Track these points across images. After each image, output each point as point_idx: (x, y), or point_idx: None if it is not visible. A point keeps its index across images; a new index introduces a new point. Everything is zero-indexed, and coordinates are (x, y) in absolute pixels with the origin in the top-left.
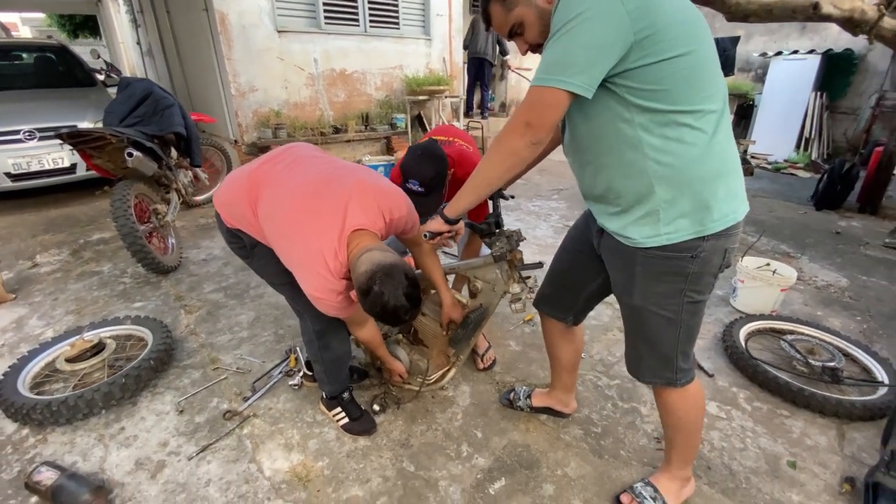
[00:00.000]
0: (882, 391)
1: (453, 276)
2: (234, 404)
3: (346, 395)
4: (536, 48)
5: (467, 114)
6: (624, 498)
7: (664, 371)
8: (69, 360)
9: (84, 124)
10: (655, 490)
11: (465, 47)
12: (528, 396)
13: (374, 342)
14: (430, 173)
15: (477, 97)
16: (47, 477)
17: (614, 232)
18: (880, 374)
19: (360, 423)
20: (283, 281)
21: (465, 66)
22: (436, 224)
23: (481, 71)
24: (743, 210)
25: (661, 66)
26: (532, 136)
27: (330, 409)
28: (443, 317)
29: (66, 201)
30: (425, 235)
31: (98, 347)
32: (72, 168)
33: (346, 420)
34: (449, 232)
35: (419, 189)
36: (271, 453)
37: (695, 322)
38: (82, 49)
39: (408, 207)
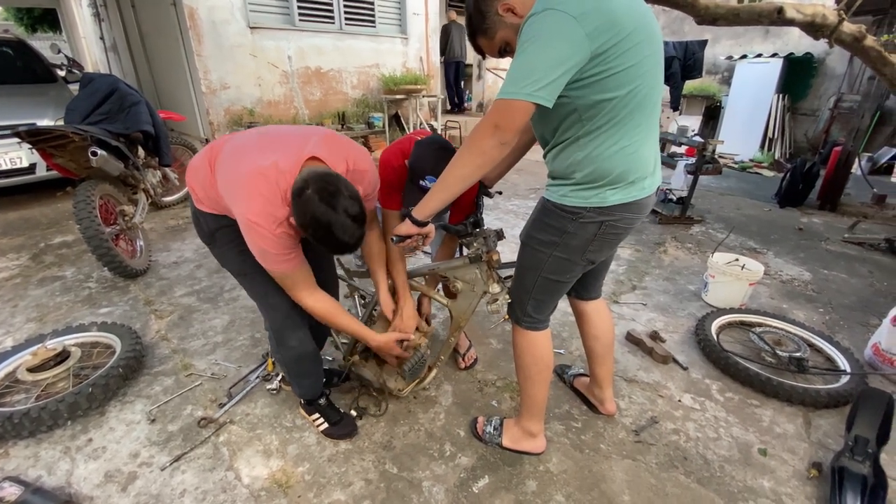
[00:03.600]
0: (844, 379)
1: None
2: (209, 411)
3: (322, 401)
4: None
5: (452, 110)
6: (480, 418)
7: (517, 309)
8: (31, 370)
9: (44, 122)
10: (501, 426)
11: (443, 53)
12: (575, 377)
13: (332, 310)
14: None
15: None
16: (10, 493)
17: (545, 192)
18: (842, 363)
19: (341, 427)
20: (239, 271)
21: (443, 68)
22: (404, 227)
23: (458, 72)
24: (624, 199)
25: (606, 80)
26: (500, 136)
27: (309, 414)
28: (395, 324)
29: (25, 203)
30: (393, 239)
31: (62, 356)
32: (31, 168)
33: (326, 425)
34: (418, 235)
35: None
36: (249, 460)
37: (555, 279)
38: (41, 44)
39: (372, 168)
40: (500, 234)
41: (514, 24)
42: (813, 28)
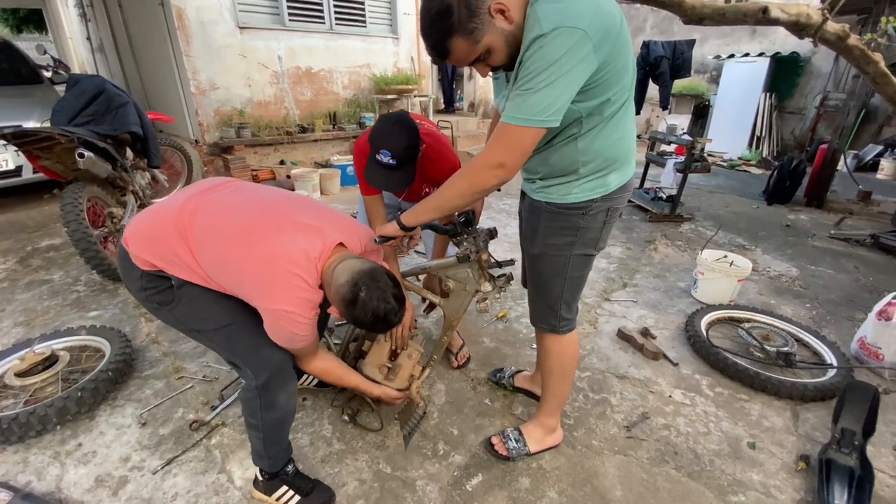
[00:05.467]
0: (831, 373)
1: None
2: (200, 414)
3: (290, 467)
4: (496, 68)
5: (446, 109)
6: (494, 439)
7: (550, 318)
8: (19, 375)
9: (30, 123)
10: (520, 434)
11: None
12: (512, 376)
13: (337, 371)
14: (403, 143)
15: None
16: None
17: (535, 195)
18: (829, 357)
19: (317, 496)
20: (219, 325)
21: (439, 66)
22: (390, 229)
23: (453, 71)
24: (623, 180)
25: (608, 81)
26: (504, 175)
27: (270, 493)
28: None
29: (12, 206)
30: (376, 240)
31: (50, 360)
32: (17, 170)
33: (298, 498)
34: (403, 237)
35: (391, 161)
36: (242, 462)
37: (579, 276)
38: (27, 45)
39: (373, 244)
40: (492, 234)
41: (504, 29)
42: (797, 27)
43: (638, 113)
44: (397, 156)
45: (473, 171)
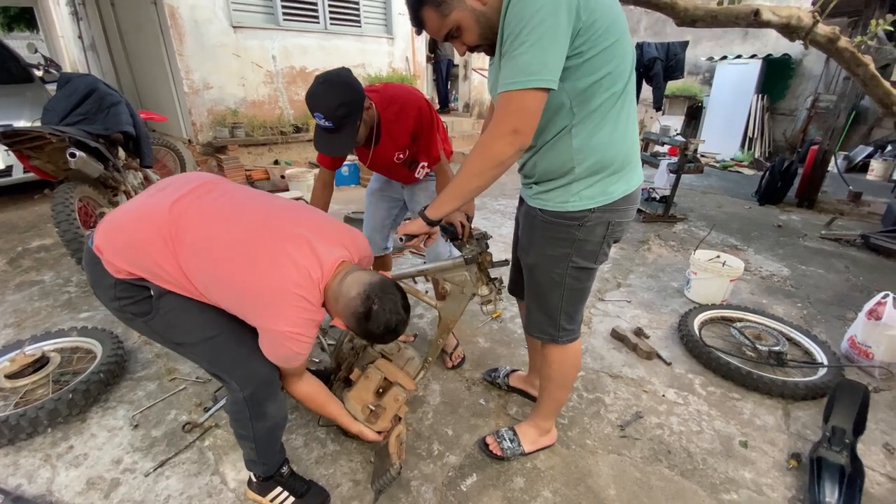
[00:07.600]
0: (822, 372)
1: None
2: (193, 415)
3: (284, 469)
4: (475, 48)
5: (441, 110)
6: (488, 439)
7: (548, 328)
8: (9, 377)
9: (20, 123)
10: (515, 434)
11: (433, 51)
12: (507, 375)
13: (319, 398)
14: (332, 102)
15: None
16: None
17: (531, 202)
18: (820, 356)
19: (312, 497)
20: (202, 337)
21: (434, 66)
22: (416, 225)
23: (448, 71)
24: (627, 189)
25: (595, 59)
26: (521, 142)
27: (265, 494)
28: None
29: (2, 206)
30: (401, 239)
31: (41, 362)
32: (7, 170)
33: (292, 499)
34: (425, 234)
35: (327, 124)
36: (235, 464)
37: (579, 287)
38: (18, 44)
39: (369, 249)
40: (485, 237)
41: (475, 8)
42: (788, 30)
43: None
44: (330, 117)
45: (486, 146)
